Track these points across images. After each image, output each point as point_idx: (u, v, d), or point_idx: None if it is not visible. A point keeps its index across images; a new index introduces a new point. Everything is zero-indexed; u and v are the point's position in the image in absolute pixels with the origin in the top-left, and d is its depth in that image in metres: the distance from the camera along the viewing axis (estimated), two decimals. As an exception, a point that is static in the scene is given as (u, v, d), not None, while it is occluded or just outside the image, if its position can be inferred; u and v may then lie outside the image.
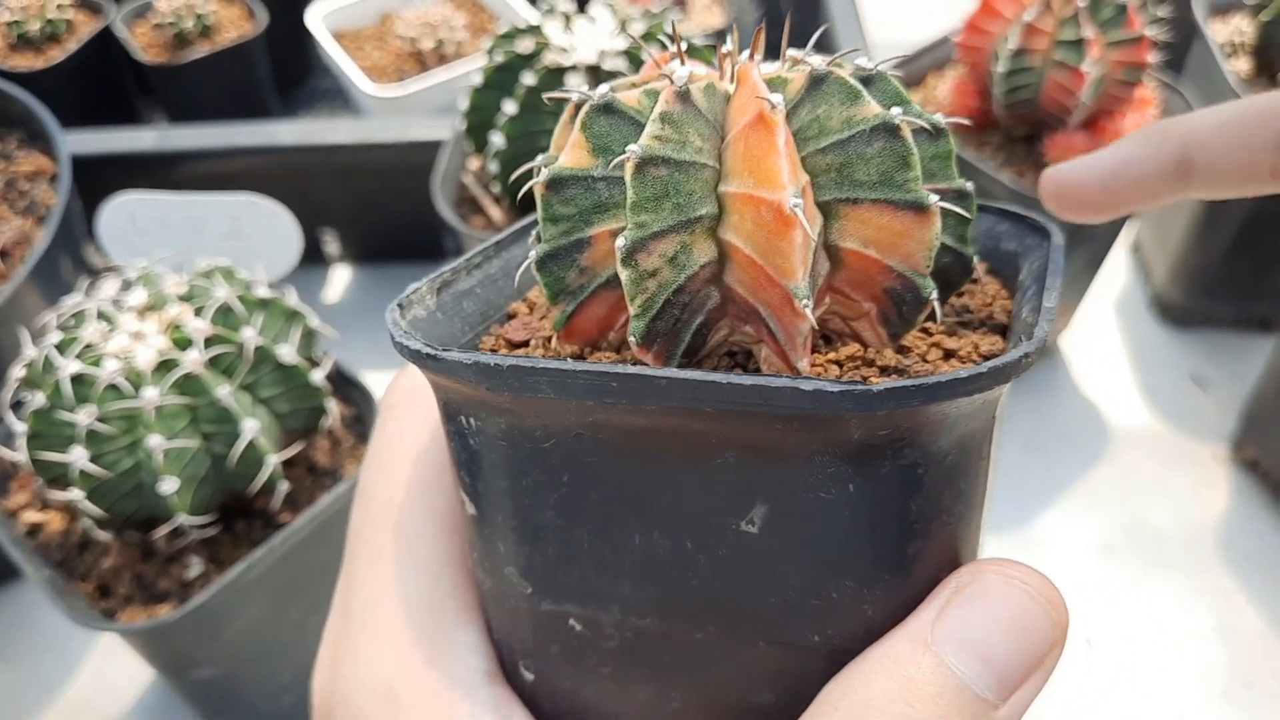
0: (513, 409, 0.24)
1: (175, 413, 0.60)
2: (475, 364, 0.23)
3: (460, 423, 0.26)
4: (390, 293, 1.13)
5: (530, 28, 0.86)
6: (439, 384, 0.26)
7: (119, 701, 0.80)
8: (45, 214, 0.87)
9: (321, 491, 0.69)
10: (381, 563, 0.28)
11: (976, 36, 0.86)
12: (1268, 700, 0.76)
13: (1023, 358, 0.22)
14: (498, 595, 0.27)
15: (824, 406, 0.21)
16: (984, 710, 0.22)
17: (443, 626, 0.27)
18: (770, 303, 0.24)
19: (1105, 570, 0.85)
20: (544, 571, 0.26)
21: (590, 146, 0.25)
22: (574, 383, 0.22)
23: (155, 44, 1.29)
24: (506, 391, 0.23)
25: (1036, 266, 0.29)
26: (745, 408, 0.22)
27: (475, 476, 0.26)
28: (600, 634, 0.26)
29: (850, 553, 0.23)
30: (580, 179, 0.25)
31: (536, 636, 0.27)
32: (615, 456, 0.24)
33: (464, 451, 0.26)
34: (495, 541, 0.26)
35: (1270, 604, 0.82)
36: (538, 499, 0.25)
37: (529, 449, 0.24)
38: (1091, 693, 0.77)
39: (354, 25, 1.37)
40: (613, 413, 0.23)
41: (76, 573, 0.67)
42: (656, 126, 0.24)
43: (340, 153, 1.03)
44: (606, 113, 0.25)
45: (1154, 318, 1.04)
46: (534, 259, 0.25)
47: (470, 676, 0.27)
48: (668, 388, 0.22)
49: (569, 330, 0.26)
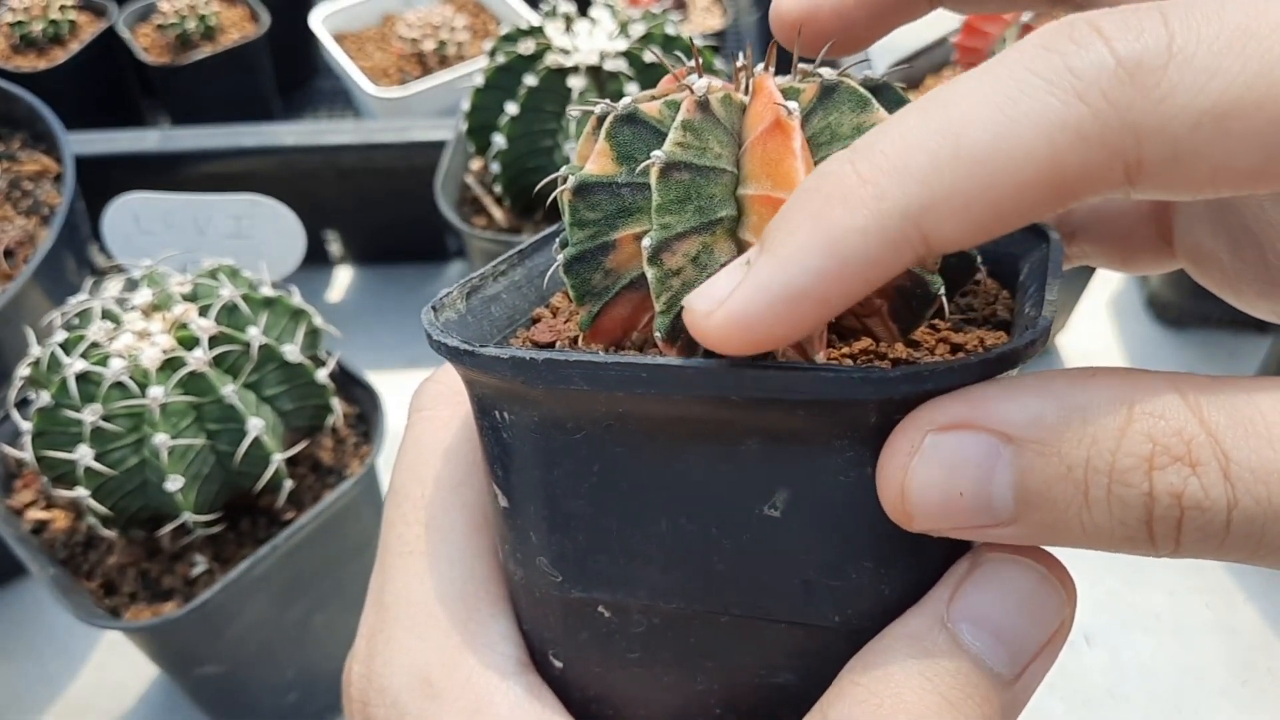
0: (545, 402, 0.25)
1: (180, 411, 0.60)
2: (511, 358, 0.24)
3: (494, 417, 0.27)
4: (393, 293, 1.13)
5: (532, 29, 0.87)
6: (473, 380, 0.27)
7: (123, 698, 0.81)
8: (49, 214, 0.88)
9: (326, 490, 0.70)
10: (414, 556, 0.29)
11: (974, 38, 0.87)
12: (1265, 697, 0.77)
13: (1028, 344, 0.23)
14: (528, 586, 0.28)
15: (844, 392, 0.22)
16: (999, 685, 0.23)
17: (476, 616, 0.28)
18: None
19: (1103, 568, 0.85)
20: (574, 560, 0.27)
21: (614, 154, 0.26)
22: (605, 374, 0.23)
23: (158, 45, 1.30)
24: (540, 384, 0.24)
25: (1036, 265, 0.30)
26: (769, 395, 0.23)
27: (508, 469, 0.27)
28: (628, 620, 0.27)
29: (869, 534, 0.24)
30: (605, 185, 0.26)
31: (566, 625, 0.28)
32: (643, 446, 0.25)
33: (497, 445, 0.27)
34: (527, 532, 0.27)
35: (1268, 602, 0.82)
36: (569, 489, 0.26)
37: (560, 440, 0.25)
38: (1089, 690, 0.78)
39: (356, 27, 1.38)
40: (641, 403, 0.24)
41: (81, 570, 0.67)
42: (679, 134, 0.25)
43: (342, 153, 1.04)
44: (630, 122, 0.26)
45: (1150, 318, 1.05)
46: (561, 262, 0.27)
47: (504, 664, 0.27)
48: (694, 377, 0.23)
49: (594, 330, 0.27)
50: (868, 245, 0.20)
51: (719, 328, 0.21)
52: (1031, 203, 0.19)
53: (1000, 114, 0.19)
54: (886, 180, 0.20)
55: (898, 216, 0.19)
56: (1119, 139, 0.19)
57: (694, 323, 0.22)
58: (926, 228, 0.20)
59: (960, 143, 0.19)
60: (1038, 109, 0.19)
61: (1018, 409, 0.21)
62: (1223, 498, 0.19)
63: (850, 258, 0.20)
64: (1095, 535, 0.21)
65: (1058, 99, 0.19)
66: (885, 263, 0.20)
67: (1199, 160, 0.19)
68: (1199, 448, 0.20)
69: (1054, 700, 0.77)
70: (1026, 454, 0.21)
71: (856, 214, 0.20)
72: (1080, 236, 0.33)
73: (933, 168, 0.19)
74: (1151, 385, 0.20)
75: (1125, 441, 0.20)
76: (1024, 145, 0.19)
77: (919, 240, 0.20)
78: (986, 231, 0.20)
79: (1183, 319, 1.03)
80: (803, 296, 0.20)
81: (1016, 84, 0.19)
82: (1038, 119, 0.19)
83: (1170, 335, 1.03)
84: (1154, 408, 0.20)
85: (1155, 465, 0.20)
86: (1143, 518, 0.20)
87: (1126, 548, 0.21)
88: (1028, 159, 0.19)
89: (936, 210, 0.19)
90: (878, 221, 0.20)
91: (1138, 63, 0.19)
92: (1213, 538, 0.20)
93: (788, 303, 0.20)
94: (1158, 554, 0.21)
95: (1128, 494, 0.20)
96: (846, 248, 0.20)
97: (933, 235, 0.20)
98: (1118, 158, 0.19)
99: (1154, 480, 0.20)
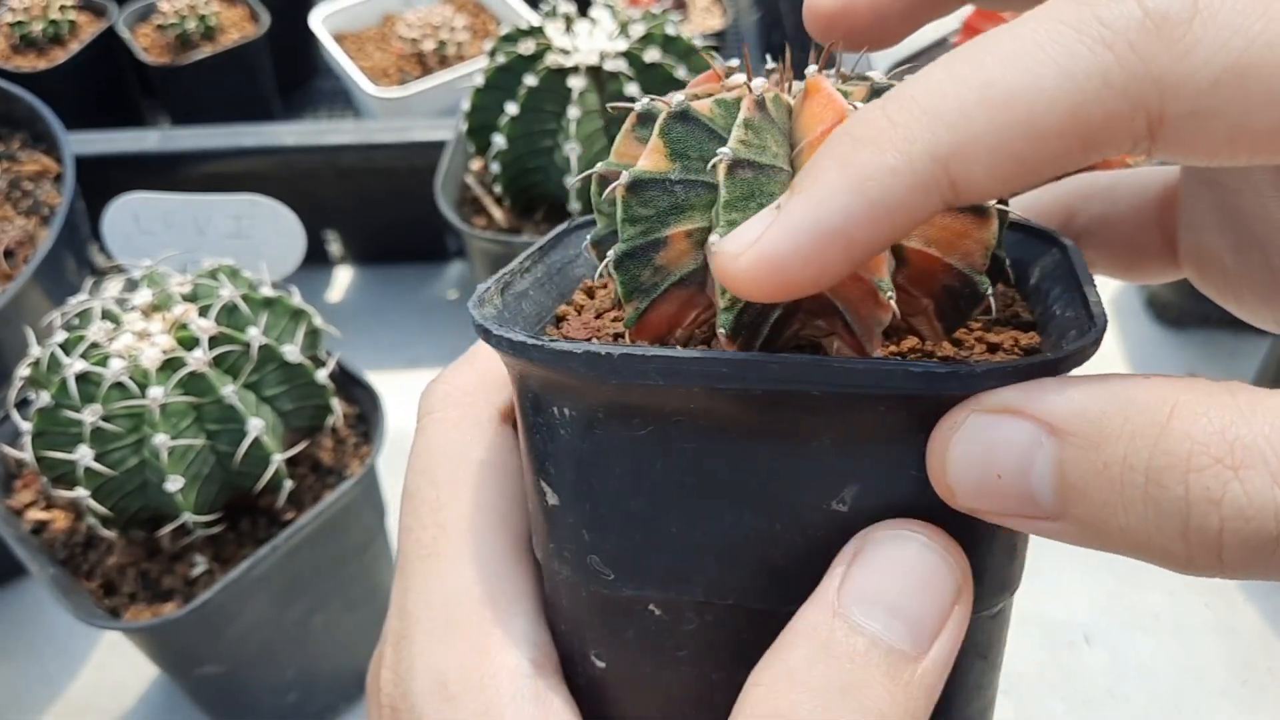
0: (614, 397, 0.25)
1: (180, 411, 0.60)
2: (586, 353, 0.24)
3: (551, 414, 0.26)
4: (393, 293, 1.13)
5: (532, 29, 0.87)
6: (530, 375, 0.26)
7: (123, 699, 0.81)
8: (49, 214, 0.88)
9: (326, 490, 0.70)
10: (433, 559, 0.29)
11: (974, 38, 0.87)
12: (1265, 697, 0.77)
13: (1093, 343, 0.23)
14: (573, 585, 0.28)
15: (932, 387, 0.22)
16: (904, 662, 0.23)
17: (495, 618, 0.28)
18: (849, 297, 0.25)
19: (1104, 568, 0.86)
20: (629, 557, 0.26)
21: (667, 151, 0.26)
22: (685, 369, 0.23)
23: (158, 45, 1.30)
24: (614, 379, 0.24)
25: (1049, 268, 0.30)
26: (856, 390, 0.23)
27: (562, 466, 0.27)
28: (680, 618, 0.27)
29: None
30: (659, 181, 0.26)
31: (612, 624, 0.28)
32: (711, 441, 0.25)
33: (551, 442, 0.27)
34: (579, 530, 0.27)
35: (1268, 602, 0.82)
36: (629, 485, 0.26)
37: (624, 436, 0.25)
38: (1089, 690, 0.78)
39: (356, 27, 1.38)
40: (714, 398, 0.24)
41: (81, 570, 0.67)
42: (741, 132, 0.25)
43: (342, 154, 1.04)
44: (683, 120, 0.26)
45: (1150, 317, 1.05)
46: (612, 258, 0.26)
47: (518, 665, 0.27)
48: (780, 371, 0.23)
49: (640, 327, 0.27)
50: (896, 186, 0.20)
51: (748, 268, 0.21)
52: (1056, 151, 0.20)
53: (1029, 60, 0.19)
54: (917, 124, 0.20)
55: (927, 159, 0.20)
56: (1142, 89, 0.19)
57: (722, 266, 0.21)
58: (955, 171, 0.20)
59: (989, 88, 0.19)
60: (1066, 56, 0.19)
61: (1064, 401, 0.21)
62: (1270, 505, 0.18)
63: (879, 198, 0.20)
64: (1134, 541, 0.20)
65: (1085, 47, 0.19)
66: (913, 206, 0.20)
67: (1218, 118, 0.19)
68: (1244, 449, 0.18)
69: (1054, 700, 0.77)
70: (1067, 446, 0.20)
71: (886, 155, 0.20)
72: (1085, 242, 0.33)
73: (961, 113, 0.19)
74: (1204, 386, 0.20)
75: (1163, 439, 0.19)
76: (1050, 91, 0.19)
77: (947, 185, 0.20)
78: (1014, 180, 0.20)
79: (1183, 319, 1.03)
80: (833, 236, 0.20)
81: (1047, 32, 0.19)
82: (1066, 65, 0.19)
83: (1170, 335, 1.03)
84: (1200, 406, 0.19)
85: (1193, 466, 0.19)
86: (1179, 526, 0.19)
87: (1169, 562, 0.20)
88: (1053, 105, 0.19)
89: (964, 154, 0.19)
90: (907, 163, 0.20)
91: (1164, 16, 0.19)
92: (1261, 551, 0.18)
93: (817, 243, 0.20)
94: (1201, 572, 0.20)
95: (1163, 496, 0.19)
96: (876, 188, 0.20)
97: (960, 180, 0.20)
98: (1140, 109, 0.19)
99: (1189, 483, 0.19)
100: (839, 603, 0.23)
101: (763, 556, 0.25)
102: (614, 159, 0.28)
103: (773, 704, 0.23)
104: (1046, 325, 0.29)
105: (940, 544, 0.24)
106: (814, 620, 0.23)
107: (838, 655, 0.22)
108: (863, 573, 0.23)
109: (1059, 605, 0.83)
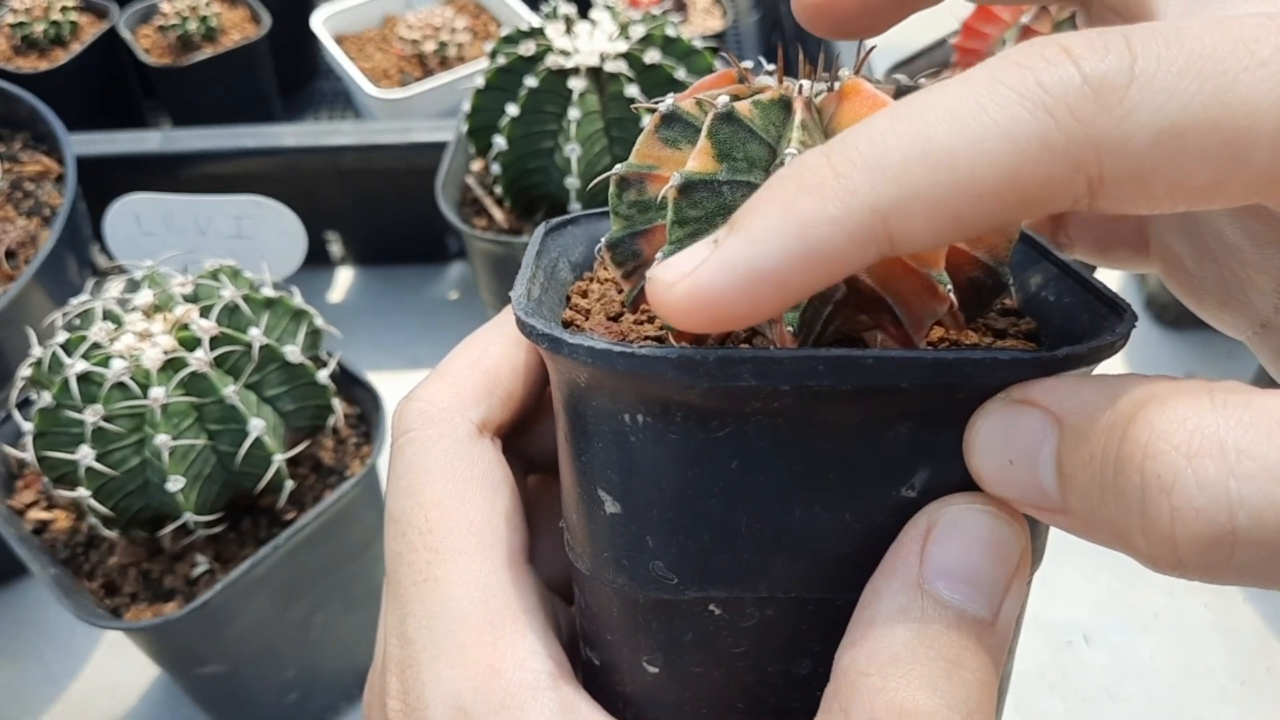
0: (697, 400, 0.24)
1: (182, 411, 0.60)
2: (680, 357, 0.23)
3: (620, 421, 0.26)
4: (394, 293, 1.14)
5: (532, 31, 0.87)
6: (601, 384, 0.26)
7: (124, 698, 0.81)
8: (51, 215, 0.88)
9: (327, 490, 0.70)
10: (429, 583, 0.28)
11: (974, 39, 0.87)
12: (1264, 698, 0.77)
13: (1130, 329, 0.25)
14: (628, 593, 0.27)
15: (1017, 373, 0.23)
16: (984, 629, 0.23)
17: (502, 635, 0.28)
18: (902, 291, 0.25)
19: (1104, 568, 0.86)
20: (695, 560, 0.26)
21: (715, 152, 0.26)
22: (780, 369, 0.23)
23: (159, 46, 1.30)
24: (706, 382, 0.23)
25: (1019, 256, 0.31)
26: (946, 381, 0.23)
27: (629, 474, 0.26)
28: (740, 615, 0.27)
29: None
30: (707, 183, 0.26)
31: (671, 628, 0.27)
32: (789, 438, 0.25)
33: (617, 451, 0.26)
34: (643, 538, 0.26)
35: (1267, 602, 0.82)
36: (702, 487, 0.25)
37: (701, 439, 0.25)
38: (1089, 690, 0.78)
39: (357, 28, 1.38)
40: (800, 396, 0.24)
41: (83, 570, 0.67)
42: (800, 134, 0.25)
43: (343, 155, 1.04)
44: (728, 121, 0.26)
45: (1149, 318, 1.05)
46: (660, 259, 0.26)
47: (536, 680, 0.27)
48: (875, 367, 0.23)
49: None
50: (836, 235, 0.20)
51: (680, 300, 0.21)
52: (995, 210, 0.20)
53: (971, 121, 0.20)
54: (860, 175, 0.20)
55: (867, 211, 0.20)
56: (1081, 152, 0.19)
57: (656, 293, 0.21)
58: (893, 225, 0.20)
59: (931, 146, 0.20)
60: (1007, 119, 0.19)
61: (1072, 394, 0.21)
62: (1222, 496, 0.17)
63: (817, 245, 0.20)
64: (1116, 534, 0.20)
65: (1026, 111, 0.19)
66: (849, 255, 0.20)
67: (1157, 176, 0.19)
68: (1202, 437, 0.18)
69: (1054, 700, 0.77)
70: (1066, 438, 0.21)
71: (828, 204, 0.20)
72: (1064, 219, 0.34)
73: (904, 169, 0.20)
74: (1191, 384, 0.19)
75: (1132, 427, 0.19)
76: (991, 153, 0.19)
77: (884, 237, 0.20)
78: (952, 235, 0.20)
79: (1182, 319, 1.03)
80: (767, 277, 0.20)
81: (989, 94, 0.20)
82: (1006, 128, 0.19)
83: (1169, 335, 1.03)
84: (1173, 398, 0.19)
85: (1149, 453, 0.18)
86: (1138, 518, 0.19)
87: (1139, 556, 0.19)
88: (994, 166, 0.19)
89: (905, 210, 0.20)
90: (848, 214, 0.20)
91: (1102, 81, 0.19)
92: (1215, 548, 0.18)
93: (751, 282, 0.20)
94: (1166, 569, 0.19)
95: (1125, 485, 0.19)
96: (815, 235, 0.20)
97: (899, 233, 0.20)
98: (1080, 171, 0.19)
99: (1144, 470, 0.18)
100: (924, 578, 0.23)
101: (830, 547, 0.25)
102: (635, 160, 0.28)
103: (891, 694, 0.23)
104: (1040, 311, 0.29)
105: (1006, 512, 0.24)
106: (902, 600, 0.23)
107: (934, 632, 0.23)
108: (940, 547, 0.24)
109: (1059, 605, 0.83)
